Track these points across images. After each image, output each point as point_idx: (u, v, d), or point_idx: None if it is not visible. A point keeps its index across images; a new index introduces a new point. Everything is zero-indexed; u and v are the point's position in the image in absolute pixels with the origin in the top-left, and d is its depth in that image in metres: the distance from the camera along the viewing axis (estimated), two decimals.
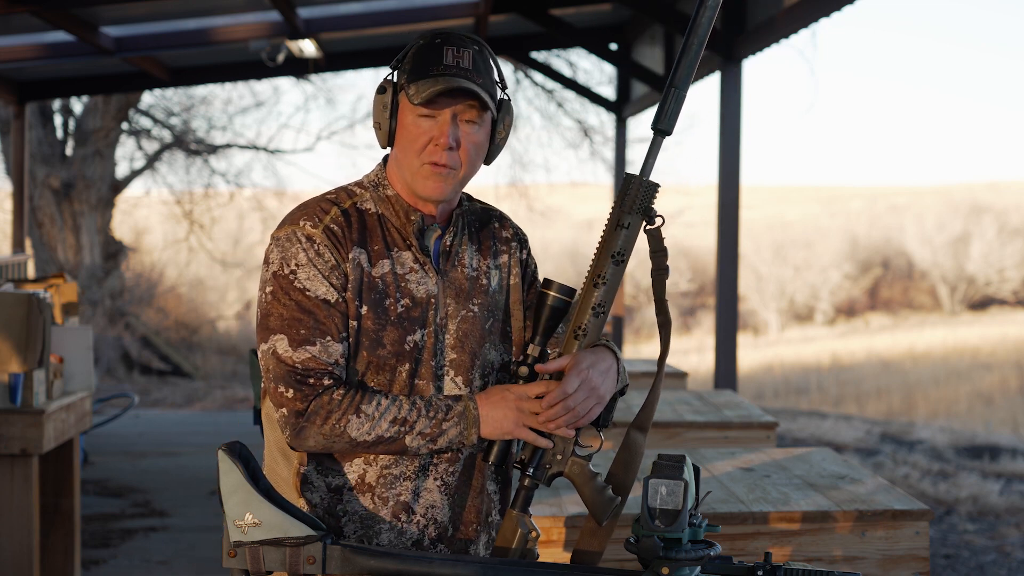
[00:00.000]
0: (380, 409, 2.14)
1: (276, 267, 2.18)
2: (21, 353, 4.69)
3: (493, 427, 2.16)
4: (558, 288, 2.20)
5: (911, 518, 3.13)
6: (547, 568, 2.03)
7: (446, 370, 2.23)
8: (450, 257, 2.27)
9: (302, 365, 2.13)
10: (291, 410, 2.13)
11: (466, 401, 2.17)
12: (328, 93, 19.66)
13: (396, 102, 2.20)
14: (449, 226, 2.28)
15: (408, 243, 2.24)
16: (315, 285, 2.16)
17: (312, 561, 1.95)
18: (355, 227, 2.21)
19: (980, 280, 32.01)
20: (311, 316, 2.15)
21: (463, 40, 2.20)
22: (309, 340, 2.14)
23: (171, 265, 19.54)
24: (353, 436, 2.12)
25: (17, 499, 4.74)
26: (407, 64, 2.20)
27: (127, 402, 11.13)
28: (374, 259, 2.20)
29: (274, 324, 2.16)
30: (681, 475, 1.88)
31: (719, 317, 7.75)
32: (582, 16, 10.67)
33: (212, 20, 8.50)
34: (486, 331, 2.28)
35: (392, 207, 2.25)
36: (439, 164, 2.19)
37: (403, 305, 2.20)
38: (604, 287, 2.17)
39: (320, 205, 2.22)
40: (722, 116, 7.57)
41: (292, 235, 2.18)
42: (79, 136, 15.48)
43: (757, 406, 5.73)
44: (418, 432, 2.14)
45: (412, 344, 2.20)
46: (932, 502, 7.86)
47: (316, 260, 2.16)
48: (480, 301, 2.28)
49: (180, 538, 6.70)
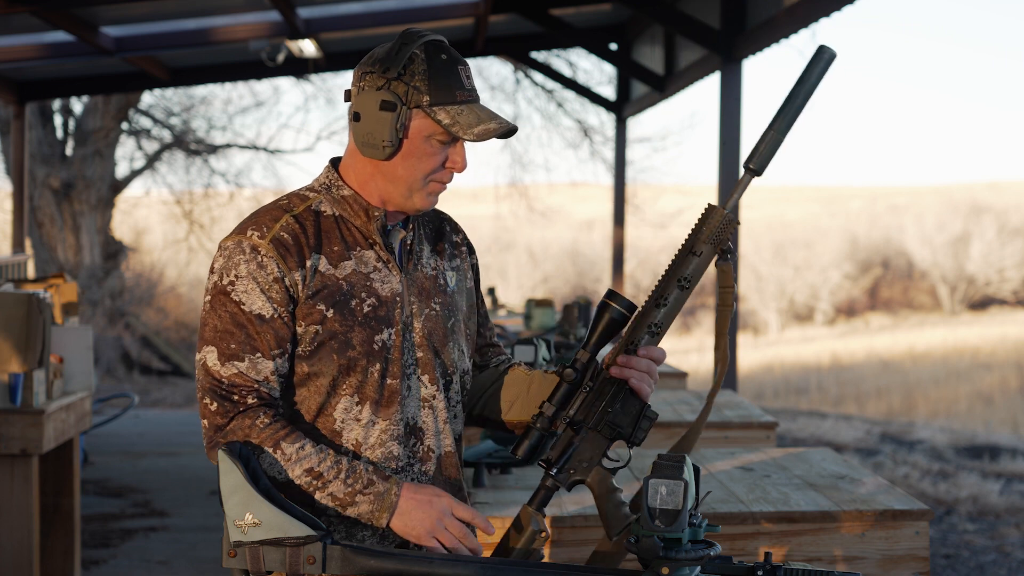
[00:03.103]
0: (301, 454, 2.10)
1: (217, 277, 2.15)
2: (21, 353, 4.69)
3: (406, 524, 2.11)
4: (621, 302, 2.17)
5: (911, 518, 3.13)
6: (547, 568, 2.03)
7: (414, 368, 2.22)
8: (411, 256, 2.26)
9: (228, 380, 2.12)
10: (211, 424, 2.12)
11: (392, 485, 2.12)
12: (328, 93, 19.63)
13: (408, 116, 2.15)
14: (408, 224, 2.27)
15: (371, 241, 2.22)
16: (251, 299, 2.13)
17: (312, 561, 1.95)
18: (311, 232, 2.18)
19: (980, 280, 32.02)
20: (243, 331, 2.12)
21: (458, 54, 2.19)
22: (238, 355, 2.12)
23: (171, 265, 19.54)
24: (264, 469, 2.09)
25: (17, 499, 4.74)
26: (418, 82, 2.13)
27: (127, 402, 11.13)
28: (335, 261, 2.18)
29: (208, 335, 2.14)
30: (681, 475, 1.88)
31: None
32: (582, 16, 10.67)
33: (212, 20, 8.50)
34: (449, 330, 2.28)
35: (350, 207, 2.22)
36: (444, 184, 2.20)
37: (369, 304, 2.18)
38: (665, 309, 2.15)
39: (271, 213, 2.19)
40: (722, 116, 7.57)
41: (238, 245, 2.15)
42: (79, 136, 15.48)
43: (757, 406, 5.73)
44: (330, 493, 2.10)
45: (381, 343, 2.18)
46: (932, 502, 7.86)
47: (257, 273, 2.13)
48: (441, 300, 2.28)
49: (180, 538, 6.70)
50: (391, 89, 2.14)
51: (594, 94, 12.75)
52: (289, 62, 9.73)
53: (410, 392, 2.22)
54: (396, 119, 2.13)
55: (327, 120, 36.35)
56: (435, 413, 2.24)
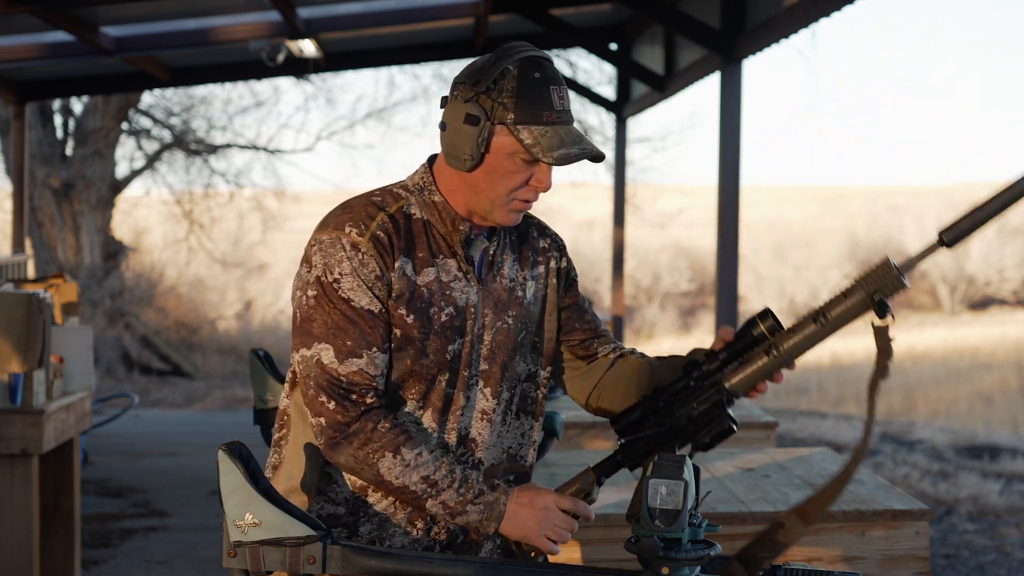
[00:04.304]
0: (419, 460, 2.12)
1: (319, 272, 2.14)
2: (21, 353, 4.69)
3: (514, 527, 2.15)
4: (770, 324, 2.16)
5: (911, 518, 3.13)
6: (547, 568, 2.03)
7: (476, 380, 2.22)
8: (492, 267, 2.25)
9: (347, 379, 2.12)
10: (330, 422, 2.12)
11: (500, 495, 2.15)
12: (328, 93, 19.69)
13: (492, 132, 2.13)
14: (493, 235, 2.26)
15: (453, 251, 2.21)
16: (359, 296, 2.12)
17: (312, 561, 1.95)
18: (402, 234, 2.17)
19: (980, 280, 32.01)
20: (356, 327, 2.12)
21: (556, 73, 2.16)
22: (355, 352, 2.12)
23: (171, 265, 19.54)
24: (381, 473, 2.11)
25: (17, 499, 4.74)
26: (505, 98, 2.11)
27: (127, 402, 11.12)
28: (419, 267, 2.17)
29: (318, 331, 2.13)
30: (681, 475, 1.88)
31: (719, 317, 7.75)
32: (582, 16, 10.67)
33: (212, 20, 8.50)
34: (518, 343, 2.27)
35: (438, 213, 2.21)
36: (529, 201, 2.18)
37: (447, 314, 2.18)
38: (795, 338, 2.14)
39: (366, 209, 2.17)
40: (722, 116, 7.57)
41: (336, 241, 2.14)
42: (79, 136, 15.48)
43: (757, 406, 5.72)
44: (442, 501, 2.13)
45: (452, 353, 2.19)
46: (932, 502, 7.86)
47: (360, 270, 2.12)
48: (515, 313, 2.27)
49: (180, 538, 6.70)
50: (478, 102, 2.13)
51: (594, 94, 12.75)
52: (289, 62, 9.72)
53: (468, 403, 2.22)
54: (479, 133, 2.12)
55: (327, 120, 36.38)
56: (492, 426, 2.24)
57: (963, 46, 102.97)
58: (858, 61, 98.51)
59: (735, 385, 2.17)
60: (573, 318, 2.38)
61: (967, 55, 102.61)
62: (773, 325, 2.15)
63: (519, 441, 2.31)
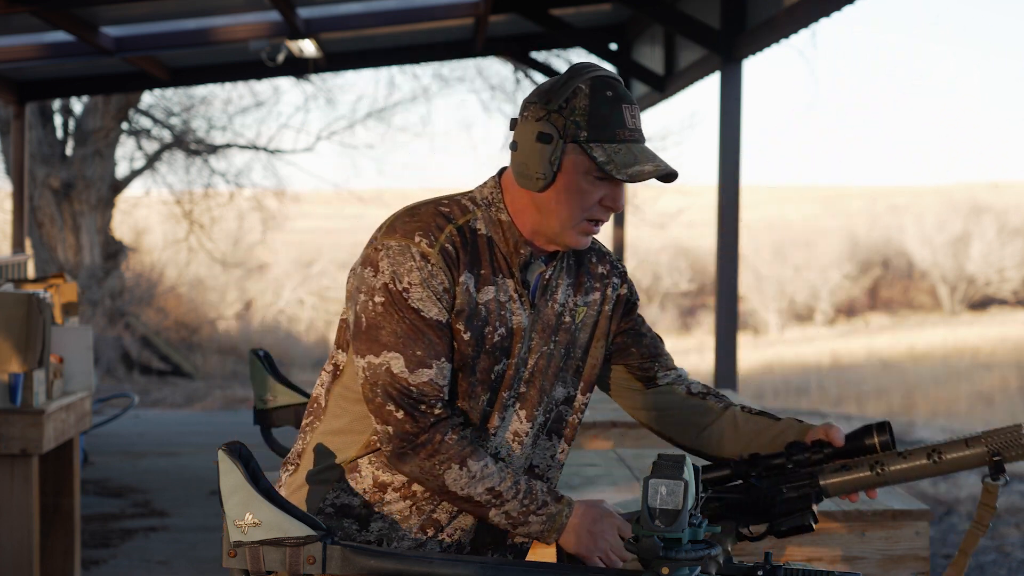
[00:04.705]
0: (485, 472, 2.12)
1: (387, 279, 2.12)
2: (21, 353, 4.69)
3: (573, 542, 2.14)
4: (884, 439, 2.15)
5: (911, 518, 3.13)
6: (547, 568, 2.03)
7: (514, 402, 2.22)
8: (545, 292, 2.23)
9: (418, 389, 2.10)
10: (398, 431, 2.11)
11: (563, 507, 2.14)
12: (328, 93, 19.67)
13: (564, 151, 2.11)
14: (553, 260, 2.24)
15: (512, 271, 2.19)
16: (428, 306, 2.11)
17: (312, 561, 1.95)
18: (468, 249, 2.15)
19: (980, 280, 32.01)
20: (425, 337, 2.11)
21: (627, 92, 2.14)
22: (425, 362, 2.10)
23: (171, 265, 19.54)
24: (447, 484, 2.11)
25: (17, 499, 4.74)
26: (578, 116, 2.10)
27: (127, 402, 11.12)
28: (480, 284, 2.16)
29: (386, 339, 2.11)
30: (681, 475, 1.88)
31: (719, 317, 7.75)
32: (582, 16, 10.67)
33: (212, 20, 8.50)
34: (559, 368, 2.26)
35: (503, 232, 2.19)
36: (599, 222, 2.16)
37: (499, 334, 2.17)
38: (902, 463, 2.13)
39: (435, 220, 2.15)
40: (722, 116, 7.58)
41: (406, 249, 2.11)
42: (79, 136, 15.49)
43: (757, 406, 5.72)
44: (505, 511, 2.13)
45: (496, 374, 2.18)
46: (932, 502, 7.86)
47: (430, 281, 2.11)
48: (560, 338, 2.25)
49: (180, 538, 6.70)
50: (550, 121, 2.11)
51: None
52: (289, 62, 9.73)
53: (503, 423, 2.21)
54: (551, 152, 2.10)
55: (327, 120, 36.35)
56: (522, 448, 2.24)
57: (963, 46, 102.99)
58: (858, 61, 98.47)
59: (830, 486, 2.16)
60: (630, 342, 2.36)
61: (967, 55, 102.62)
62: (887, 441, 2.15)
63: (547, 463, 2.30)
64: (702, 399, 2.36)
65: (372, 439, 2.20)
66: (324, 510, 2.22)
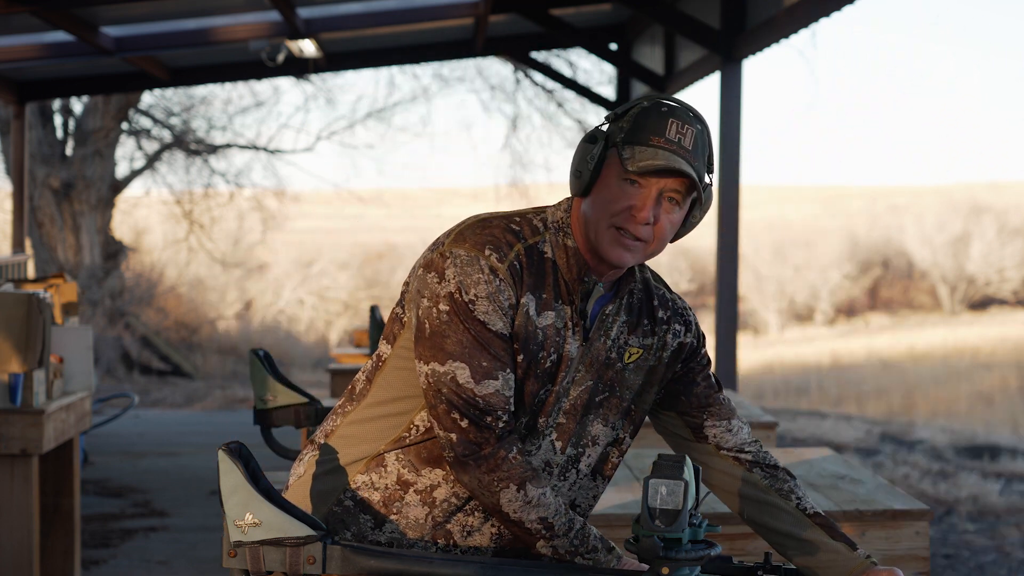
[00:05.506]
0: (541, 500, 2.10)
1: (453, 288, 2.09)
2: (21, 353, 4.69)
3: None
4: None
5: (911, 518, 3.13)
6: (547, 568, 2.03)
7: (551, 431, 2.20)
8: (601, 326, 2.22)
9: (484, 400, 2.09)
10: (461, 439, 2.10)
11: (613, 559, 2.12)
12: (328, 93, 19.65)
13: (604, 155, 2.12)
14: (615, 295, 2.23)
15: (572, 299, 2.18)
16: (493, 320, 2.09)
17: (312, 561, 1.95)
18: (533, 271, 2.14)
19: (980, 280, 32.01)
20: (490, 348, 2.09)
21: (689, 116, 2.13)
22: (491, 374, 2.09)
23: (171, 265, 19.54)
24: (501, 503, 2.10)
25: (17, 499, 4.74)
26: (626, 123, 2.12)
27: (127, 402, 11.12)
28: (540, 308, 2.14)
29: (451, 349, 2.09)
30: (681, 475, 1.88)
31: (719, 317, 7.75)
32: (582, 16, 10.67)
33: (212, 20, 8.50)
34: (596, 403, 2.24)
35: (568, 259, 2.17)
36: (629, 234, 2.12)
37: (551, 361, 2.16)
38: None
39: (506, 237, 2.13)
40: (722, 116, 7.58)
41: (475, 260, 2.10)
42: (79, 136, 15.48)
43: (757, 406, 5.72)
44: (553, 545, 2.11)
45: (538, 399, 2.17)
46: (932, 502, 7.86)
47: (496, 296, 2.09)
48: (604, 374, 2.23)
49: (180, 538, 6.70)
50: (603, 127, 2.15)
51: (594, 94, 12.75)
52: (289, 62, 9.73)
53: (537, 451, 2.20)
54: (593, 150, 2.12)
55: (327, 120, 36.35)
56: (551, 479, 2.22)
57: (963, 46, 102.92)
58: (858, 61, 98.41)
59: None
60: (679, 388, 2.33)
61: (967, 55, 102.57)
62: None
63: (588, 503, 2.29)
64: (765, 480, 2.30)
65: (403, 435, 2.19)
66: (343, 501, 2.20)
